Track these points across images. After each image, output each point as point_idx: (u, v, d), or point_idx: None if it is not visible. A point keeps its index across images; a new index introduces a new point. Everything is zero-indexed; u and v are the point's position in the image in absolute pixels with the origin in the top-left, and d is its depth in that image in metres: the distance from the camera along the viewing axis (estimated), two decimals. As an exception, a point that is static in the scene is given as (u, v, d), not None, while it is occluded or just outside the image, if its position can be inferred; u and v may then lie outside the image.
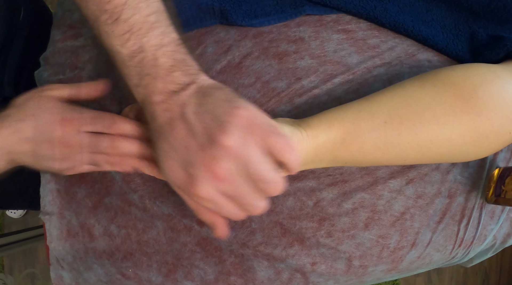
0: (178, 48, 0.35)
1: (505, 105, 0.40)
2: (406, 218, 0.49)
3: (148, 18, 0.33)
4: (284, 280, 0.49)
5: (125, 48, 0.33)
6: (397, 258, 0.50)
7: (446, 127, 0.40)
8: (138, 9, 0.33)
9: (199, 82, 0.34)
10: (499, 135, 0.41)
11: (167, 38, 0.34)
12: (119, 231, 0.50)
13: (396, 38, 0.53)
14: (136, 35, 0.33)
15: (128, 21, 0.33)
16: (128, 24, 0.33)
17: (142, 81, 0.34)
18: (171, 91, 0.33)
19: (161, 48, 0.33)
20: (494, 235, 0.52)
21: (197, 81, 0.34)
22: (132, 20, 0.33)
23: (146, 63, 0.33)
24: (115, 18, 0.33)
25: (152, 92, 0.33)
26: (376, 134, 0.41)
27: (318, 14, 0.53)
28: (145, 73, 0.33)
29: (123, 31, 0.33)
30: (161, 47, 0.33)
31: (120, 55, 0.34)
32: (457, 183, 0.50)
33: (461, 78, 0.41)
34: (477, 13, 0.51)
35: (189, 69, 0.34)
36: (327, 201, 0.49)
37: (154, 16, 0.34)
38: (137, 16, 0.33)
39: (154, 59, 0.33)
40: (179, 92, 0.33)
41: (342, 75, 0.51)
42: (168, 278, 0.50)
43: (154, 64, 0.33)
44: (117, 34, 0.33)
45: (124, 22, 0.33)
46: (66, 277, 0.52)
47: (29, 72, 0.56)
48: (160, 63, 0.33)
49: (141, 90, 0.34)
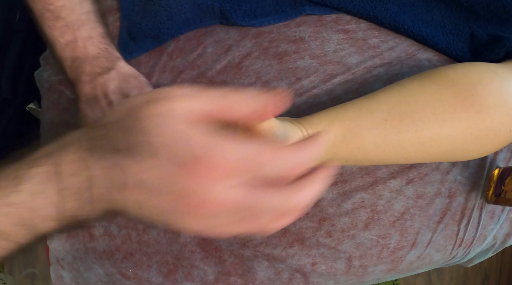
0: (103, 40, 0.44)
1: (505, 103, 0.40)
2: (406, 218, 0.49)
3: (81, 17, 0.43)
4: (284, 280, 0.49)
5: (62, 38, 0.43)
6: (397, 258, 0.50)
7: (446, 124, 0.40)
8: (73, 10, 0.43)
9: (118, 68, 0.44)
10: (499, 133, 0.41)
11: (94, 32, 0.44)
12: (119, 231, 0.50)
13: (396, 38, 0.53)
14: (71, 29, 0.43)
15: (65, 19, 0.42)
16: (65, 20, 0.42)
17: (74, 63, 0.43)
18: (96, 73, 0.43)
19: (89, 39, 0.43)
20: (494, 235, 0.52)
21: (116, 67, 0.44)
22: (68, 18, 0.43)
23: (78, 50, 0.43)
24: (56, 16, 0.42)
25: (81, 73, 0.43)
26: (376, 132, 0.41)
27: (318, 14, 0.53)
28: (77, 57, 0.43)
29: (61, 25, 0.43)
30: (90, 38, 0.43)
31: (59, 43, 0.43)
32: (457, 183, 0.50)
33: (460, 76, 0.41)
34: (477, 13, 0.51)
35: (110, 57, 0.44)
36: (327, 201, 0.49)
37: (85, 15, 0.44)
38: (72, 15, 0.43)
39: (84, 47, 0.43)
40: (102, 75, 0.43)
41: (342, 75, 0.51)
42: (168, 279, 0.50)
43: (84, 51, 0.43)
44: (57, 28, 0.43)
45: (62, 19, 0.42)
46: (66, 277, 0.52)
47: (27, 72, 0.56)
48: (88, 51, 0.43)
49: (73, 71, 0.43)
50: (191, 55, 0.52)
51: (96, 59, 0.43)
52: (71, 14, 0.43)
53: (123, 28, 0.53)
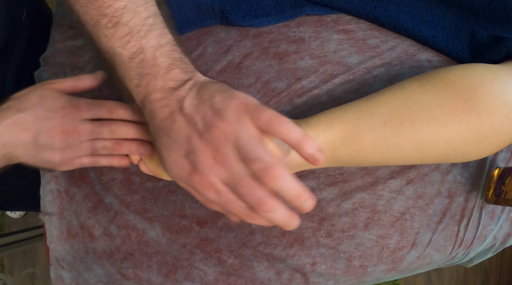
0: (174, 48, 0.36)
1: (505, 106, 0.39)
2: (406, 218, 0.49)
3: (147, 21, 0.35)
4: (284, 280, 0.49)
5: (125, 50, 0.35)
6: (397, 258, 0.50)
7: (446, 127, 0.40)
8: (137, 13, 0.35)
9: (195, 79, 0.36)
10: (499, 135, 0.40)
11: (164, 39, 0.36)
12: (119, 232, 0.50)
13: (396, 39, 0.53)
14: (136, 37, 0.35)
15: (128, 24, 0.35)
16: (128, 27, 0.35)
17: (143, 81, 0.35)
18: (170, 88, 0.35)
19: (159, 48, 0.35)
20: (494, 235, 0.52)
21: (193, 78, 0.36)
22: (131, 23, 0.35)
23: (146, 63, 0.35)
24: (115, 22, 0.34)
25: (152, 91, 0.35)
26: (376, 134, 0.41)
27: (318, 14, 0.53)
28: (145, 73, 0.35)
29: (123, 33, 0.35)
30: (160, 47, 0.35)
31: (121, 57, 0.35)
32: (457, 183, 0.50)
33: (460, 78, 0.41)
34: (477, 13, 0.51)
35: (186, 67, 0.36)
36: (327, 201, 0.49)
37: (151, 19, 0.36)
38: (136, 19, 0.35)
39: (154, 59, 0.35)
40: (178, 89, 0.35)
41: (342, 76, 0.51)
42: (168, 279, 0.50)
43: (153, 63, 0.35)
44: (118, 37, 0.35)
45: (124, 25, 0.34)
46: (66, 277, 0.52)
47: (31, 71, 0.56)
48: (159, 63, 0.35)
49: (142, 90, 0.35)
50: (191, 55, 0.52)
51: (168, 72, 0.35)
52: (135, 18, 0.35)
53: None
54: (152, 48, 0.35)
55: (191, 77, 0.36)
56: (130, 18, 0.35)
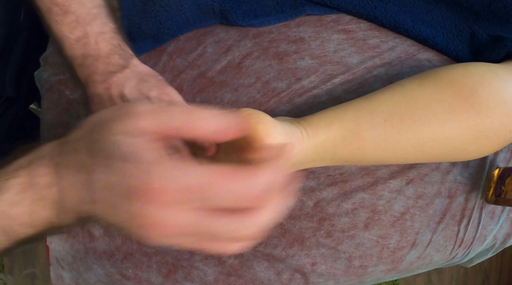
0: (115, 36, 0.41)
1: (505, 104, 0.40)
2: (406, 218, 0.49)
3: (91, 11, 0.41)
4: (284, 280, 0.49)
5: (72, 34, 0.40)
6: (397, 258, 0.50)
7: (446, 125, 0.40)
8: (83, 3, 0.40)
9: (132, 67, 0.41)
10: (499, 134, 0.40)
11: (106, 27, 0.41)
12: (119, 232, 0.50)
13: (396, 38, 0.53)
14: (82, 24, 0.40)
15: (75, 13, 0.40)
16: (75, 15, 0.40)
17: (86, 61, 0.40)
18: (110, 71, 0.40)
19: (101, 35, 0.40)
20: (494, 235, 0.52)
21: (130, 65, 0.41)
22: (78, 12, 0.40)
23: (89, 46, 0.40)
24: (65, 10, 0.40)
25: (93, 72, 0.40)
26: (376, 132, 0.41)
27: (318, 14, 0.53)
28: (88, 55, 0.40)
29: (71, 20, 0.40)
30: (102, 34, 0.40)
31: (68, 40, 0.40)
32: (457, 183, 0.50)
33: (460, 76, 0.41)
34: (477, 13, 0.51)
35: (124, 54, 0.41)
36: (327, 201, 0.49)
37: (96, 9, 0.41)
38: (82, 9, 0.40)
39: (96, 43, 0.40)
40: (116, 73, 0.40)
41: (342, 76, 0.51)
42: (168, 279, 0.50)
43: (95, 47, 0.40)
44: (66, 23, 0.40)
45: (72, 13, 0.40)
46: (66, 277, 0.52)
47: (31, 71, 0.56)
48: (100, 47, 0.40)
49: (85, 70, 0.40)
50: (191, 55, 0.52)
51: (109, 56, 0.40)
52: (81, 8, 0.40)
53: (123, 28, 0.53)
54: (95, 35, 0.40)
55: (127, 64, 0.41)
56: (77, 7, 0.40)
